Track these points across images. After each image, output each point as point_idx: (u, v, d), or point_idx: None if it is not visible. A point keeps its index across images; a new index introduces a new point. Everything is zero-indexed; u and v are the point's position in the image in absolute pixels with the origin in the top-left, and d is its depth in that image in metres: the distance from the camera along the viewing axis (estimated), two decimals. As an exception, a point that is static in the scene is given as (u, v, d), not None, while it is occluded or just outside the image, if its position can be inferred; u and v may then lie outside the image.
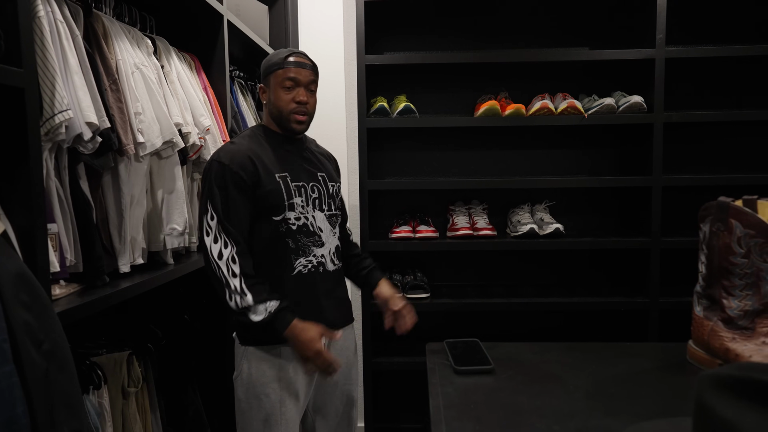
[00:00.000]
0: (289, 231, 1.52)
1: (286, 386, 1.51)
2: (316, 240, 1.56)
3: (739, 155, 2.51)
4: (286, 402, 1.51)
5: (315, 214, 1.56)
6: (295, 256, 1.53)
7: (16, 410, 0.80)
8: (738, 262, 1.07)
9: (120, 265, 1.43)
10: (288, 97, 1.53)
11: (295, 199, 1.52)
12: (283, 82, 1.53)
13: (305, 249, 1.54)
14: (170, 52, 1.74)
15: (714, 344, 1.12)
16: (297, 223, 1.53)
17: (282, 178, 1.52)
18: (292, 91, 1.53)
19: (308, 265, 1.54)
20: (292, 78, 1.52)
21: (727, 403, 0.49)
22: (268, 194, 1.49)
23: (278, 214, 1.50)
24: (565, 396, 1.05)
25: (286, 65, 1.53)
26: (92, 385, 1.34)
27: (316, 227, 1.56)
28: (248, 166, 1.48)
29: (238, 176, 1.46)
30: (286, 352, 1.52)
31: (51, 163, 1.17)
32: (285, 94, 1.53)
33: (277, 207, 1.50)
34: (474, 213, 2.47)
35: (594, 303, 2.30)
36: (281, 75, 1.53)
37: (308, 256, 1.54)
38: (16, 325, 0.83)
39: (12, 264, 0.86)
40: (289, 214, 1.51)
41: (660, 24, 2.20)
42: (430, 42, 2.55)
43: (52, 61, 1.12)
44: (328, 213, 1.61)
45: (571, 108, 2.26)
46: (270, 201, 1.49)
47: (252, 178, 1.48)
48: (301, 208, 1.53)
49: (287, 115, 1.54)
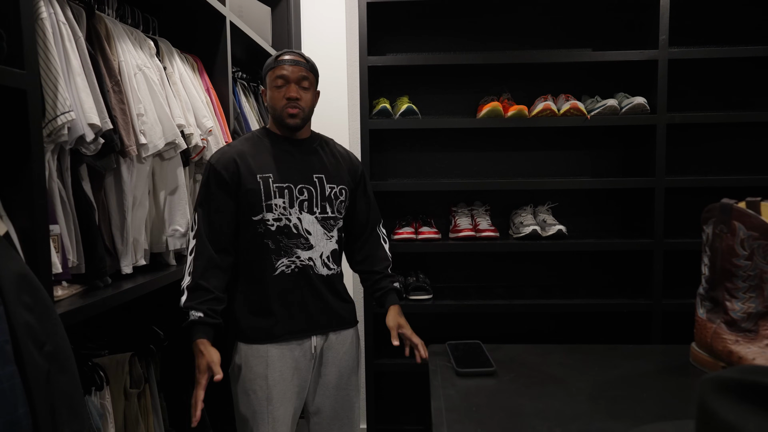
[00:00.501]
0: (267, 232, 1.54)
1: (274, 384, 1.53)
2: (301, 242, 1.56)
3: (742, 157, 2.50)
4: (274, 401, 1.52)
5: (301, 216, 1.56)
6: (276, 257, 1.54)
7: (18, 411, 0.81)
8: (741, 264, 1.06)
9: (122, 266, 1.43)
10: (279, 95, 1.56)
11: (275, 200, 1.53)
12: (275, 80, 1.56)
13: (287, 250, 1.55)
14: (173, 54, 1.74)
15: (717, 347, 1.11)
16: (276, 224, 1.54)
17: (263, 179, 1.54)
18: (282, 88, 1.56)
19: (291, 266, 1.55)
20: (281, 76, 1.55)
21: (730, 407, 0.49)
22: (246, 194, 1.53)
23: (256, 214, 1.53)
24: (568, 398, 1.04)
25: (277, 64, 1.57)
26: (94, 386, 1.34)
27: (302, 230, 1.56)
28: (231, 167, 1.53)
29: (220, 176, 1.52)
30: (275, 352, 1.53)
31: (53, 164, 1.17)
32: (277, 92, 1.57)
33: (254, 207, 1.53)
34: (476, 214, 2.47)
35: (596, 305, 2.29)
36: (272, 75, 1.57)
37: (291, 257, 1.55)
38: (17, 326, 0.83)
39: (14, 265, 0.86)
40: (267, 215, 1.53)
41: (663, 25, 2.19)
42: (433, 43, 2.55)
43: (54, 62, 1.12)
44: (321, 216, 1.60)
45: (574, 109, 2.26)
46: (248, 201, 1.53)
47: (233, 178, 1.53)
48: (282, 209, 1.54)
49: (280, 111, 1.57)
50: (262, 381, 1.53)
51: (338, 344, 1.64)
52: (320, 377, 1.63)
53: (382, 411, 2.60)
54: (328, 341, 1.62)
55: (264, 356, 1.53)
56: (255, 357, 1.54)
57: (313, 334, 1.59)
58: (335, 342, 1.63)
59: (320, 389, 1.63)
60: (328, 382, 1.63)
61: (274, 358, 1.53)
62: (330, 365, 1.62)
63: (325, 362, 1.62)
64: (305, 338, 1.58)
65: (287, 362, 1.55)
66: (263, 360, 1.53)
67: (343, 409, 1.65)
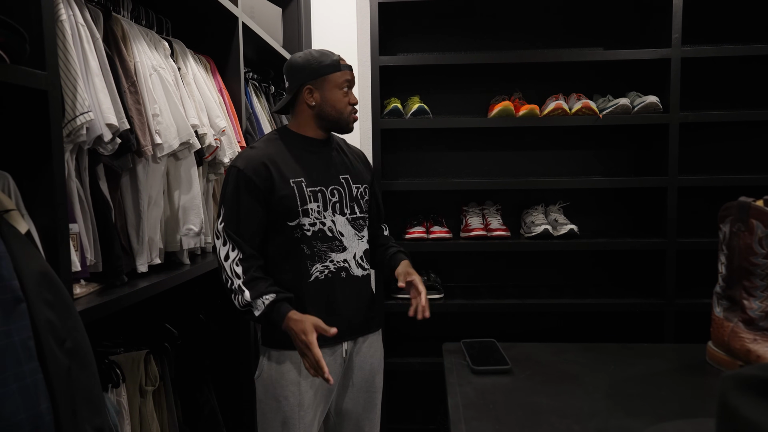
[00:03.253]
0: (304, 237, 1.50)
1: (306, 390, 1.51)
2: (335, 245, 1.54)
3: (757, 156, 2.48)
4: (305, 406, 1.50)
5: (335, 219, 1.54)
6: (311, 263, 1.51)
7: (41, 407, 0.82)
8: (759, 262, 1.06)
9: (138, 265, 1.45)
10: (346, 100, 1.57)
11: (310, 204, 1.50)
12: (342, 84, 1.55)
13: (321, 255, 1.52)
14: (186, 55, 1.75)
15: (735, 345, 1.11)
16: (312, 229, 1.51)
17: (297, 184, 1.50)
18: (348, 93, 1.57)
19: (325, 271, 1.52)
20: (348, 80, 1.56)
21: (751, 403, 0.49)
22: (282, 199, 1.48)
23: (292, 219, 1.49)
24: (585, 396, 1.04)
25: (343, 68, 1.56)
26: (111, 383, 1.35)
27: (336, 232, 1.54)
28: (262, 172, 1.48)
29: (251, 181, 1.47)
30: None
31: (72, 164, 1.19)
32: (343, 96, 1.56)
33: (290, 212, 1.49)
34: (487, 214, 2.47)
35: (609, 304, 2.28)
36: (339, 77, 1.55)
37: (324, 262, 1.52)
38: (39, 323, 0.84)
39: (36, 263, 0.87)
40: (304, 220, 1.50)
41: (676, 23, 2.18)
42: (444, 43, 2.55)
43: (74, 63, 1.13)
44: (351, 216, 1.58)
45: (586, 108, 2.25)
46: (284, 206, 1.49)
47: (265, 184, 1.47)
48: (317, 213, 1.51)
49: (347, 116, 1.57)
50: (294, 387, 1.50)
51: (366, 348, 1.63)
52: (347, 381, 1.61)
53: (392, 410, 2.60)
54: (357, 346, 1.61)
55: (297, 363, 1.49)
56: (287, 363, 1.51)
57: (345, 340, 1.57)
58: (363, 346, 1.62)
59: (346, 392, 1.62)
60: (354, 386, 1.62)
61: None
62: (357, 369, 1.61)
63: (353, 366, 1.61)
64: (337, 344, 1.55)
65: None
66: (296, 366, 1.50)
67: (365, 410, 1.64)
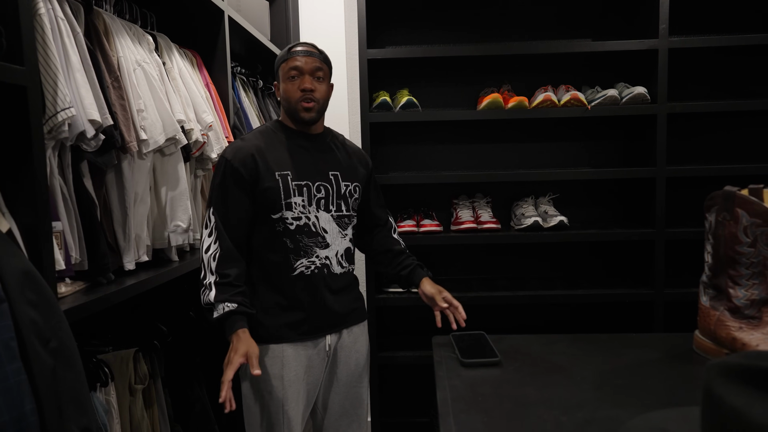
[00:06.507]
0: (286, 230, 1.50)
1: (289, 385, 1.50)
2: (319, 241, 1.53)
3: (743, 145, 2.50)
4: (290, 401, 1.50)
5: (318, 215, 1.53)
6: (295, 257, 1.51)
7: (25, 408, 0.81)
8: (744, 251, 1.06)
9: (125, 262, 1.43)
10: (293, 87, 1.52)
11: (294, 198, 1.50)
12: (288, 72, 1.52)
13: (307, 250, 1.52)
14: (171, 49, 1.73)
15: (720, 334, 1.12)
16: (296, 223, 1.50)
17: (282, 177, 1.49)
18: (296, 80, 1.52)
19: (311, 266, 1.52)
20: (295, 67, 1.51)
21: (736, 392, 0.49)
22: (265, 191, 1.48)
23: (276, 212, 1.49)
24: (573, 387, 1.05)
25: (290, 55, 1.53)
26: (99, 382, 1.34)
27: (320, 228, 1.53)
28: (249, 163, 1.48)
29: (237, 172, 1.47)
30: (290, 351, 1.51)
31: (54, 161, 1.17)
32: (291, 84, 1.52)
33: (274, 205, 1.49)
34: (478, 206, 2.47)
35: (599, 295, 2.29)
36: (285, 66, 1.53)
37: (311, 257, 1.52)
38: (22, 323, 0.83)
39: (18, 262, 0.86)
40: (287, 214, 1.49)
41: (663, 14, 2.18)
42: (432, 35, 2.54)
43: (53, 58, 1.12)
44: (337, 214, 1.57)
45: (575, 100, 2.25)
46: (267, 198, 1.49)
47: (251, 174, 1.48)
48: (302, 207, 1.51)
49: (295, 104, 1.53)
50: (277, 381, 1.50)
51: (351, 342, 1.63)
52: (332, 375, 1.61)
53: (385, 404, 2.61)
54: (341, 339, 1.61)
55: (279, 356, 1.50)
56: (270, 357, 1.50)
57: (329, 333, 1.57)
58: (348, 340, 1.62)
59: (331, 387, 1.62)
60: (340, 380, 1.62)
61: (290, 358, 1.51)
62: (342, 363, 1.61)
63: (337, 360, 1.61)
64: (320, 337, 1.56)
65: (302, 361, 1.52)
66: (278, 360, 1.50)
67: (352, 406, 1.64)
